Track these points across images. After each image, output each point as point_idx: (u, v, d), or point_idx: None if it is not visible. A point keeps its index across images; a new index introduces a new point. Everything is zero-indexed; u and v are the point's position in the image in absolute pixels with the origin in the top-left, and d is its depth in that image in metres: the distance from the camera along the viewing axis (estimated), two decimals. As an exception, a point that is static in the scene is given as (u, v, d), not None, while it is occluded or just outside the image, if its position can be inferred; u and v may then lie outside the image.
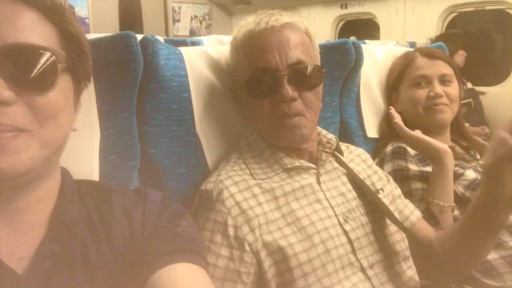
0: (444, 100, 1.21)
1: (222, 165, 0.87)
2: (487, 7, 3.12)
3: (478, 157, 1.26)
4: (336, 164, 0.91)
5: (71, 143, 0.60)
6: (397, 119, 1.14)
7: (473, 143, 1.31)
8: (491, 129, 2.88)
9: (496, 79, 3.20)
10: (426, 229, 0.95)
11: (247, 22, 0.87)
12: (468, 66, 3.10)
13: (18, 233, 0.53)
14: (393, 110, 1.18)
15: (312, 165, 0.87)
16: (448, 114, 1.21)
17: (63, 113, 0.53)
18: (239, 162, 0.86)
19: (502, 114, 3.12)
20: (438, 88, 1.21)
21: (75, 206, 0.59)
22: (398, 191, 1.00)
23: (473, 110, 3.10)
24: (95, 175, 0.75)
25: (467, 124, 1.75)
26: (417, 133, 1.10)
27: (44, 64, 0.49)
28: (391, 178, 1.02)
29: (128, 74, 0.77)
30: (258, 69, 0.81)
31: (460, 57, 3.09)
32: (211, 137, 0.92)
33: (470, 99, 3.11)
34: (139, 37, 0.81)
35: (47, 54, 0.50)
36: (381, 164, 1.16)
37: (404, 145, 1.17)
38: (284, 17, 0.84)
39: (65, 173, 0.62)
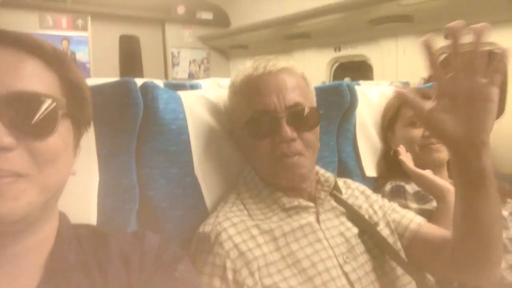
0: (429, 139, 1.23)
1: (220, 206, 0.87)
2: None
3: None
4: (334, 204, 0.91)
5: (70, 186, 0.60)
6: (404, 155, 1.16)
7: None
8: (488, 166, 2.89)
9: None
10: (436, 230, 0.89)
11: (245, 67, 0.90)
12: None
13: (14, 278, 0.52)
14: (402, 148, 1.20)
15: (311, 204, 0.87)
16: (444, 153, 1.22)
17: (62, 157, 0.53)
18: (237, 203, 0.86)
19: (498, 150, 3.14)
20: None
21: (72, 251, 0.58)
22: (393, 205, 0.99)
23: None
24: (93, 219, 0.75)
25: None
26: (427, 172, 1.11)
27: (45, 110, 0.50)
28: (386, 200, 1.01)
29: (128, 118, 0.79)
30: (258, 111, 0.83)
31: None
32: (209, 178, 0.92)
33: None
34: (139, 82, 0.83)
35: (48, 101, 0.51)
36: None
37: (402, 184, 1.17)
38: (281, 62, 0.87)
39: (62, 217, 0.62)
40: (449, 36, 0.61)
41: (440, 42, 0.65)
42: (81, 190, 0.74)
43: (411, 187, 1.17)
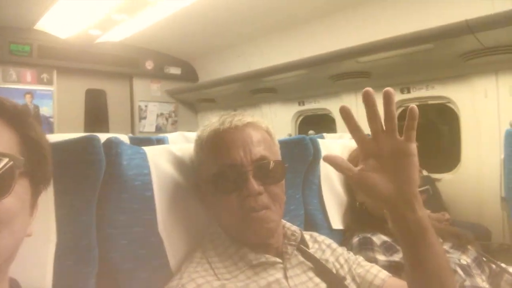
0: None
1: (185, 266, 0.83)
2: (430, 102, 3.46)
3: (441, 240, 1.29)
4: (301, 258, 0.90)
5: (24, 249, 0.57)
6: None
7: (436, 229, 1.34)
8: (451, 215, 2.98)
9: (448, 166, 3.41)
10: (400, 285, 0.89)
11: (211, 122, 0.91)
12: (420, 155, 3.30)
13: None
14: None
15: (278, 260, 0.86)
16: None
17: (18, 218, 0.51)
18: (202, 262, 0.83)
19: (458, 199, 3.27)
20: None
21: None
22: (359, 259, 0.99)
23: (431, 197, 3.22)
24: (48, 284, 0.70)
25: (428, 211, 1.81)
26: None
27: (0, 170, 0.49)
28: (351, 253, 1.01)
29: (90, 176, 0.77)
30: (224, 165, 0.84)
31: (412, 146, 3.30)
32: (174, 237, 0.89)
33: (428, 186, 3.25)
34: (103, 137, 0.82)
35: (5, 160, 0.50)
36: None
37: (369, 236, 1.18)
38: (246, 117, 0.89)
39: (13, 284, 0.58)
40: (364, 102, 0.65)
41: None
42: (37, 252, 0.70)
43: (377, 238, 1.18)
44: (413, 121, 0.65)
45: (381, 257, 1.12)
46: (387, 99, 0.64)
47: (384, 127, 0.67)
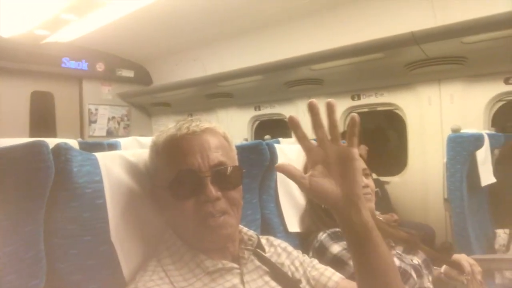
0: (369, 190, 1.33)
1: (139, 275, 0.81)
2: (379, 108, 3.63)
3: (393, 244, 1.35)
4: (258, 263, 0.91)
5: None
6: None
7: (385, 230, 1.41)
8: (399, 215, 3.13)
9: (396, 169, 3.58)
10: (351, 286, 0.92)
11: (167, 128, 0.89)
12: (370, 159, 3.45)
13: None
14: None
15: (235, 265, 0.86)
16: (373, 203, 1.33)
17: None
18: (157, 270, 0.81)
19: (405, 199, 3.44)
20: (364, 179, 1.32)
21: None
22: (314, 262, 1.01)
23: (381, 199, 3.37)
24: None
25: (377, 212, 1.89)
26: None
27: None
28: (306, 256, 1.03)
29: (37, 184, 0.73)
30: (181, 171, 0.82)
31: (363, 150, 3.44)
32: (127, 245, 0.86)
33: (377, 189, 3.39)
34: (51, 143, 0.78)
35: None
36: (320, 254, 1.18)
37: (338, 229, 1.21)
38: (204, 123, 0.89)
39: None
40: (309, 113, 0.69)
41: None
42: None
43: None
44: (354, 128, 0.69)
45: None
46: (330, 109, 0.68)
47: (328, 135, 0.70)
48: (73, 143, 1.79)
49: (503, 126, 3.03)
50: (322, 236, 1.23)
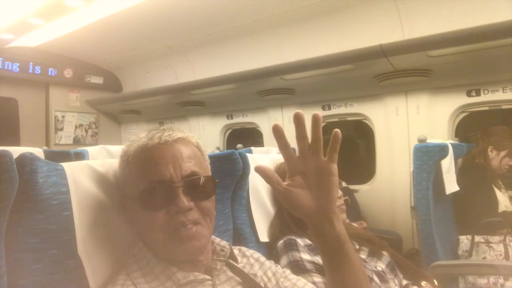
0: (342, 200, 1.36)
1: (108, 289, 0.79)
2: (349, 118, 3.71)
3: (357, 246, 1.38)
4: (230, 274, 0.90)
5: None
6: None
7: (354, 234, 1.44)
8: (368, 223, 3.19)
9: (364, 178, 3.66)
10: None
11: (138, 137, 0.88)
12: (340, 168, 3.51)
13: None
14: None
15: (207, 277, 0.85)
16: (345, 213, 1.36)
17: None
18: (127, 284, 0.79)
19: (374, 207, 3.51)
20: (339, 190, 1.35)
21: None
22: (286, 272, 1.01)
23: (350, 207, 3.43)
24: None
25: (347, 220, 1.92)
26: None
27: None
28: (279, 266, 1.04)
29: (0, 196, 0.69)
30: (153, 181, 0.81)
31: (333, 160, 3.50)
32: (95, 258, 0.84)
33: (347, 197, 3.45)
34: (14, 151, 0.75)
35: None
36: (276, 259, 1.18)
37: (294, 237, 1.23)
38: (176, 133, 0.88)
39: None
40: (294, 123, 0.70)
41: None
42: None
43: (302, 241, 1.23)
44: (337, 144, 0.71)
45: (306, 256, 1.18)
46: (315, 122, 0.69)
47: (310, 147, 0.72)
48: (38, 151, 1.72)
49: (466, 136, 3.16)
50: (279, 243, 1.25)
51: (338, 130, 0.70)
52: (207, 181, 0.86)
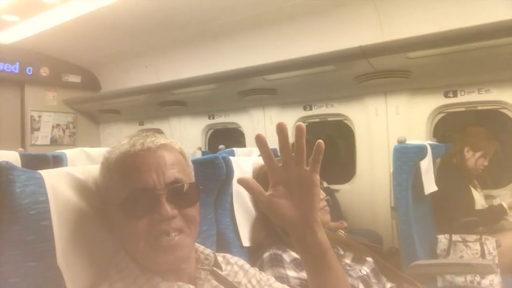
0: (324, 202, 1.37)
1: (89, 302, 0.77)
2: (329, 118, 3.74)
3: (341, 252, 1.39)
4: (215, 283, 0.89)
5: None
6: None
7: (334, 239, 1.45)
8: (348, 222, 3.23)
9: (345, 178, 3.70)
10: None
11: (120, 144, 0.85)
12: (321, 168, 3.53)
13: None
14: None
15: (191, 286, 0.83)
16: (329, 214, 1.38)
17: None
18: (109, 295, 0.77)
19: (354, 207, 3.56)
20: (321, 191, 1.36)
21: None
22: (271, 280, 1.02)
23: (331, 207, 3.46)
24: None
25: (330, 223, 1.94)
26: None
27: None
28: (263, 274, 1.04)
29: (-26, 208, 0.67)
30: (135, 189, 0.79)
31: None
32: (76, 269, 0.81)
33: (328, 197, 3.48)
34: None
35: None
36: (261, 270, 1.18)
37: (280, 253, 1.22)
38: (159, 139, 0.86)
39: None
40: (277, 134, 0.70)
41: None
42: None
43: (288, 256, 1.22)
44: (320, 155, 0.72)
45: (291, 273, 1.16)
46: (299, 132, 0.70)
47: (294, 158, 0.72)
48: (14, 155, 1.67)
49: (443, 136, 3.24)
50: (265, 255, 1.24)
51: (321, 141, 0.71)
52: (191, 187, 0.85)
